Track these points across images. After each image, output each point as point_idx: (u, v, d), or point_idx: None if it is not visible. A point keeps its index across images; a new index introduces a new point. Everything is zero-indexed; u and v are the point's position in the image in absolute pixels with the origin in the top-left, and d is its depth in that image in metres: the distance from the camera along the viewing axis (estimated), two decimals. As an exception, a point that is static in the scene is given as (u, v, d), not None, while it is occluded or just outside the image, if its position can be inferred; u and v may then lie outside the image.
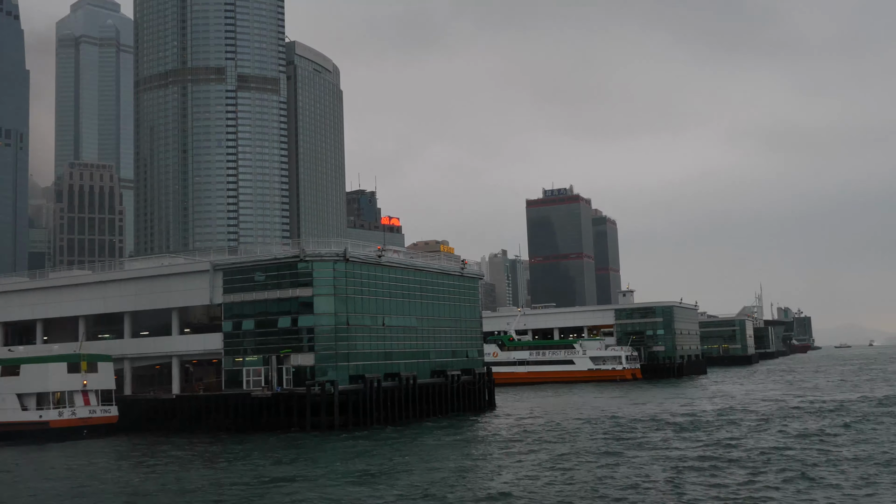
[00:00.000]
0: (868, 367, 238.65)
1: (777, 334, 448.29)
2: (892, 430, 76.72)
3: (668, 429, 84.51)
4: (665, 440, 74.70)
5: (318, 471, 63.79)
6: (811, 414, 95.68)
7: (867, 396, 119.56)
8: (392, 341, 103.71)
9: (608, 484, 53.22)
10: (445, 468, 62.66)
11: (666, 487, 51.18)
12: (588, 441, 76.79)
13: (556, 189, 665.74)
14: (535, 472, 59.38)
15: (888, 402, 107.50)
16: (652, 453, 65.95)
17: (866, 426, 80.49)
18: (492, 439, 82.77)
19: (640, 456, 64.76)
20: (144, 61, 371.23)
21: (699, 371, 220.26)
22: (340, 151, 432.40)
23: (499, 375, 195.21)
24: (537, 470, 60.53)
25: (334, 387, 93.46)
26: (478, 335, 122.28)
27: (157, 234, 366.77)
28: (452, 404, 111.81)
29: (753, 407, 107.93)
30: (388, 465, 64.96)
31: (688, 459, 62.02)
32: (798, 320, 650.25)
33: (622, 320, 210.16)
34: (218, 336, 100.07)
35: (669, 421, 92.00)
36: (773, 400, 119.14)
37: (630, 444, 72.42)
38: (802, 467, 56.84)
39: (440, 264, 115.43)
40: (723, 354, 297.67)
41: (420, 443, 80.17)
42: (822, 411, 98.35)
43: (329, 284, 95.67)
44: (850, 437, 72.94)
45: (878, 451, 63.09)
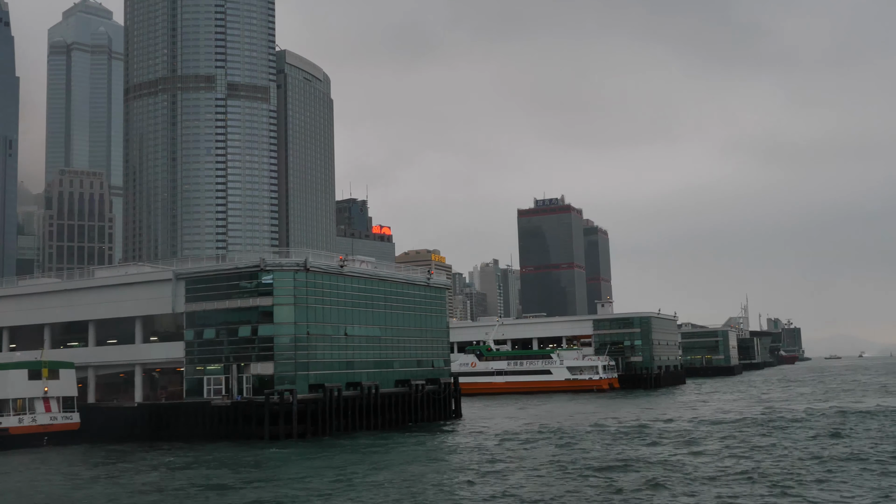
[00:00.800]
0: (843, 378, 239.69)
1: (764, 345, 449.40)
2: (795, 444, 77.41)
3: (608, 437, 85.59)
4: (594, 449, 75.36)
5: (255, 478, 64.45)
6: (749, 426, 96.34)
7: (811, 409, 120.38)
8: (354, 351, 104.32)
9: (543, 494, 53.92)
10: (391, 477, 63.27)
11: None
12: (536, 451, 77.39)
13: (548, 199, 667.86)
14: (479, 483, 60.02)
15: (829, 414, 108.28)
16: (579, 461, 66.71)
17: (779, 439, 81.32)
18: (447, 449, 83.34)
19: (567, 463, 65.52)
20: (134, 69, 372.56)
21: (678, 381, 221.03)
22: (330, 160, 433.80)
23: (477, 385, 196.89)
24: (480, 480, 61.15)
25: (293, 396, 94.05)
26: (445, 345, 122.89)
27: (146, 242, 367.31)
28: (417, 414, 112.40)
29: (708, 418, 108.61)
30: (324, 475, 65.59)
31: (596, 468, 62.75)
32: (787, 331, 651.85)
33: (600, 330, 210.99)
34: (180, 345, 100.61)
35: (612, 430, 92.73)
36: (730, 411, 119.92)
37: (567, 454, 73.09)
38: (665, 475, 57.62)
39: (406, 275, 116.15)
40: (706, 365, 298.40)
41: (369, 452, 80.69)
42: (759, 423, 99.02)
43: (289, 294, 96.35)
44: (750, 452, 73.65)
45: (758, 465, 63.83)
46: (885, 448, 71.33)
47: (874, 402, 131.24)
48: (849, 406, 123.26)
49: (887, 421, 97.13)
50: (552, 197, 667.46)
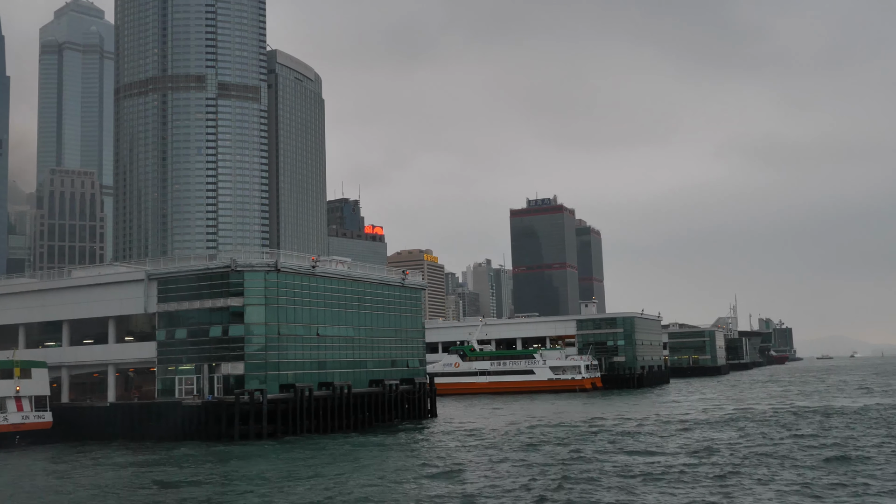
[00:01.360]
0: (825, 378, 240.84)
1: (753, 345, 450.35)
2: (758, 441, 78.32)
3: (572, 436, 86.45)
4: (555, 451, 76.11)
5: (215, 477, 65.07)
6: (709, 425, 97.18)
7: (788, 407, 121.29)
8: (327, 351, 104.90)
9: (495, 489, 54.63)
10: (355, 476, 63.92)
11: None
12: (497, 452, 78.08)
13: (541, 199, 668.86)
14: (427, 482, 60.68)
15: (799, 413, 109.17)
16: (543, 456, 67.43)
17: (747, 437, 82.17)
18: (415, 447, 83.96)
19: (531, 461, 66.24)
20: (125, 68, 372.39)
21: (662, 381, 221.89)
22: (322, 160, 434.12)
23: (460, 385, 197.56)
24: (430, 479, 61.82)
25: (263, 396, 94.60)
26: (420, 345, 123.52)
27: (136, 242, 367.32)
28: (391, 414, 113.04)
29: (677, 417, 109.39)
30: (293, 472, 66.20)
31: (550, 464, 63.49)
32: (778, 331, 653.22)
33: (584, 331, 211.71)
34: (153, 345, 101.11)
35: (580, 430, 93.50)
36: (702, 410, 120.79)
37: (532, 450, 73.81)
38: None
39: (380, 275, 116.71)
40: (693, 365, 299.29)
41: (334, 452, 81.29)
42: (725, 421, 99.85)
43: (260, 294, 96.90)
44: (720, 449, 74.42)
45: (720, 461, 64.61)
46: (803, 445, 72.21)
47: (842, 402, 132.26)
48: (811, 405, 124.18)
49: (832, 421, 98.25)
50: (545, 197, 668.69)
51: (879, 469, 59.75)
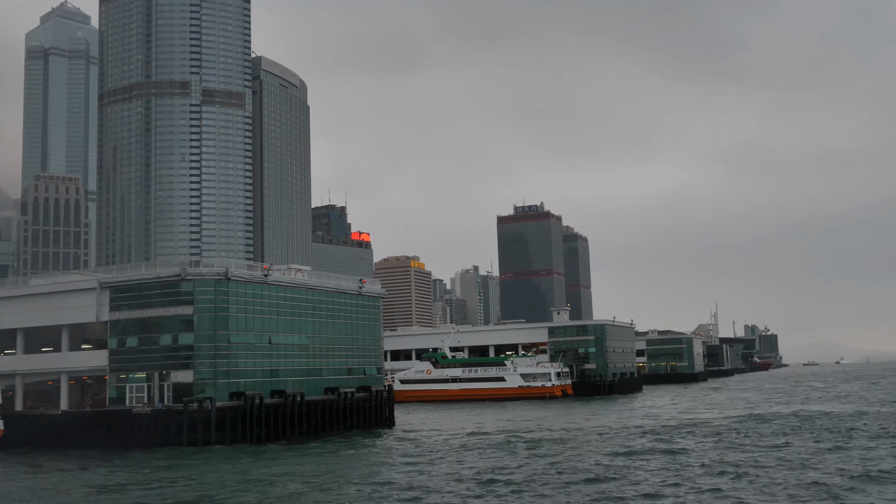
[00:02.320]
0: (801, 384, 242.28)
1: (736, 352, 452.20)
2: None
3: (521, 445, 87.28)
4: (504, 458, 77.01)
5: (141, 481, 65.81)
6: (655, 434, 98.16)
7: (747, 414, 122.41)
8: (279, 359, 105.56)
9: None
10: (286, 484, 64.71)
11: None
12: (446, 460, 78.86)
13: (528, 206, 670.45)
14: (372, 487, 61.50)
15: (756, 419, 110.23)
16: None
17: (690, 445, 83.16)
18: (359, 456, 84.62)
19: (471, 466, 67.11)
20: (109, 74, 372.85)
21: (634, 388, 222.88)
22: (307, 166, 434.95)
23: (432, 392, 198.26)
24: (375, 485, 62.62)
25: (212, 403, 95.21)
26: (378, 353, 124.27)
27: (120, 248, 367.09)
28: (346, 422, 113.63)
29: (629, 424, 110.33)
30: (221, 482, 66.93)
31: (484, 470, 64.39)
32: (763, 338, 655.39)
33: (556, 338, 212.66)
34: (105, 353, 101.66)
35: (537, 438, 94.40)
36: (654, 417, 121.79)
37: (476, 461, 74.65)
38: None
39: (335, 283, 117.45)
40: (670, 372, 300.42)
41: (276, 460, 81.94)
42: (675, 429, 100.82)
43: (210, 303, 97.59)
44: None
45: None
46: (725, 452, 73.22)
47: (801, 407, 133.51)
48: (771, 411, 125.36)
49: (785, 426, 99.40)
50: (532, 204, 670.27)
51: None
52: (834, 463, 67.53)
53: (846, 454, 72.99)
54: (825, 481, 57.94)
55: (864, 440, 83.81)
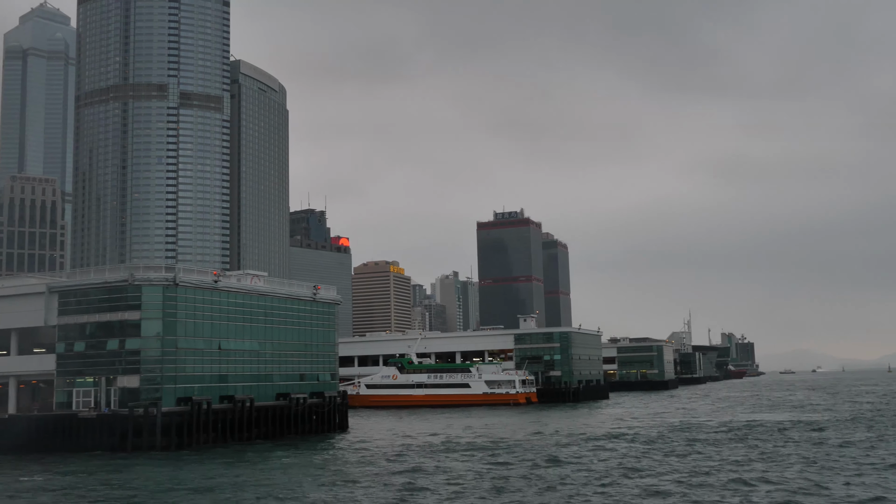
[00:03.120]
0: (760, 393, 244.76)
1: (710, 360, 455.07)
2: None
3: (460, 451, 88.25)
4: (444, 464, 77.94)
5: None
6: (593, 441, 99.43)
7: (694, 422, 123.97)
8: (229, 365, 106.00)
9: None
10: (216, 490, 65.33)
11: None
12: (385, 465, 79.68)
13: (507, 212, 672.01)
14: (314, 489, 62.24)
15: (698, 429, 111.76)
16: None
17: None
18: (303, 460, 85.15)
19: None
20: (86, 76, 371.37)
21: (600, 396, 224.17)
22: (285, 170, 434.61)
23: (397, 398, 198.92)
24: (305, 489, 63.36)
25: (157, 408, 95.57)
26: (332, 359, 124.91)
27: (95, 250, 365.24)
28: (296, 427, 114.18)
29: (577, 432, 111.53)
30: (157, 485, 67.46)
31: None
32: (740, 346, 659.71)
33: (522, 345, 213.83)
34: (53, 357, 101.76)
35: (479, 445, 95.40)
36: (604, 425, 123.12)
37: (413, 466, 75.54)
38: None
39: (288, 290, 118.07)
40: (641, 379, 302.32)
41: (216, 465, 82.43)
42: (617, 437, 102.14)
43: (157, 308, 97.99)
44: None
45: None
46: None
47: (751, 416, 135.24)
48: (704, 421, 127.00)
49: (701, 436, 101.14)
50: (511, 210, 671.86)
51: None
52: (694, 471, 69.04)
53: (714, 463, 74.34)
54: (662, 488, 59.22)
55: (756, 451, 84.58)
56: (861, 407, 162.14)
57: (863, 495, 56.27)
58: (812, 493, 57.81)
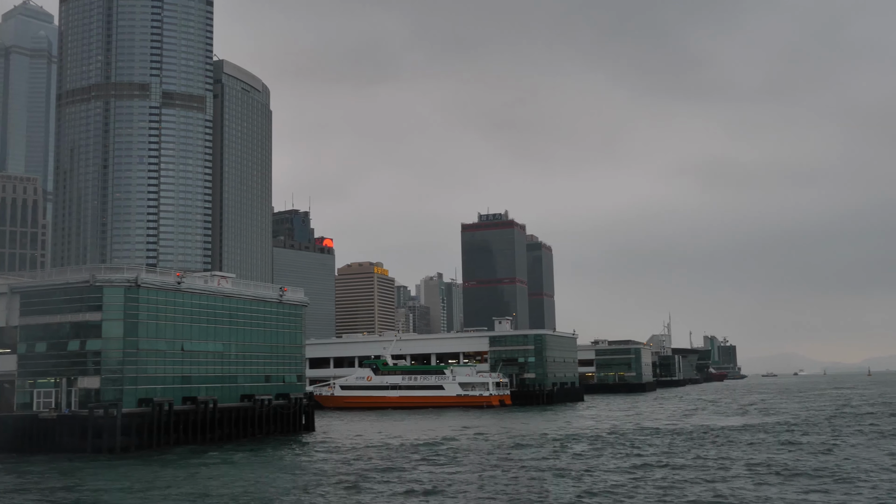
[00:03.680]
0: (731, 397, 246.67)
1: (690, 362, 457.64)
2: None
3: (422, 452, 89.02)
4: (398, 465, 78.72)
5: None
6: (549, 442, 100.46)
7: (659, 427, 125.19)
8: (192, 366, 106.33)
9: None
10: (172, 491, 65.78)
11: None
12: (336, 467, 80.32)
13: (492, 214, 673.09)
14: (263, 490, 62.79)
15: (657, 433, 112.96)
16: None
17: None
18: (263, 462, 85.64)
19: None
20: (68, 74, 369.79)
21: (575, 398, 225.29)
22: (268, 171, 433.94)
23: (371, 399, 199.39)
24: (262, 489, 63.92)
25: (117, 409, 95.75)
26: (299, 361, 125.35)
27: (75, 250, 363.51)
28: (261, 428, 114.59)
29: (537, 432, 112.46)
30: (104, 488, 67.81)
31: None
32: (723, 349, 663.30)
33: (496, 347, 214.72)
34: (14, 357, 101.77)
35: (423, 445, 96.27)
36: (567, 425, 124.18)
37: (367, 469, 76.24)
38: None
39: (253, 291, 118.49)
40: (618, 382, 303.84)
41: (172, 466, 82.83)
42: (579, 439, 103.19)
43: (119, 309, 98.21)
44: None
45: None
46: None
47: (689, 421, 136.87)
48: (658, 425, 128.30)
49: (668, 439, 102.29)
50: (496, 212, 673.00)
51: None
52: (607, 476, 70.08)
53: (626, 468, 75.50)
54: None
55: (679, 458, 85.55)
56: (823, 412, 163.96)
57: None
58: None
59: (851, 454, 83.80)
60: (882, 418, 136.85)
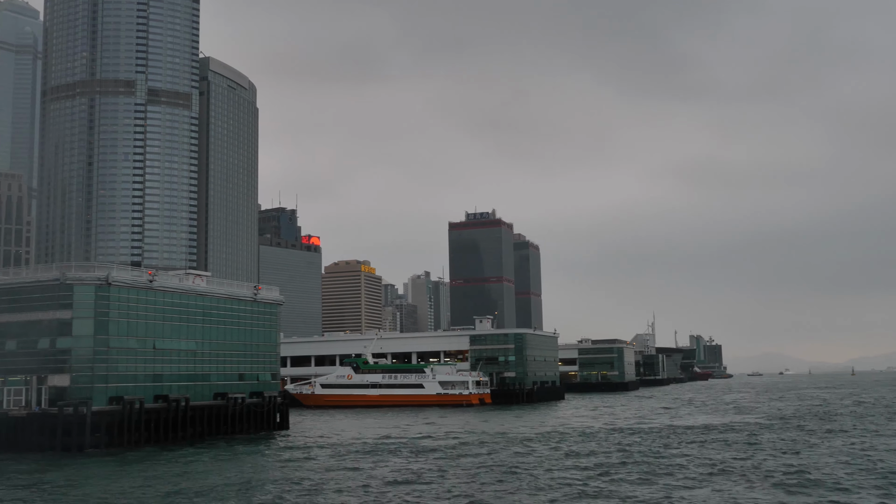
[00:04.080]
0: (708, 396, 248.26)
1: (675, 362, 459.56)
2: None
3: (382, 452, 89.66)
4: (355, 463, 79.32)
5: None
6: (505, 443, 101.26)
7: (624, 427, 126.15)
8: (165, 364, 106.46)
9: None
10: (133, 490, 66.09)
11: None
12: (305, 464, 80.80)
13: (479, 213, 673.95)
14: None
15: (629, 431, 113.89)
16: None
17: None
18: (230, 461, 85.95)
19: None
20: (53, 71, 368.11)
21: (555, 397, 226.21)
22: (254, 169, 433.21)
23: (352, 398, 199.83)
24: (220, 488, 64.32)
25: (87, 407, 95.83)
26: (273, 359, 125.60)
27: (59, 247, 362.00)
28: (234, 426, 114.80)
29: (506, 432, 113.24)
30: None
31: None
32: (708, 348, 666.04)
33: (477, 346, 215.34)
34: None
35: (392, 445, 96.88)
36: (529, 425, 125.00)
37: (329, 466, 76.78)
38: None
39: (227, 290, 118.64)
40: (601, 381, 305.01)
41: (134, 464, 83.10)
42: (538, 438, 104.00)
43: (89, 307, 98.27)
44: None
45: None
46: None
47: (651, 422, 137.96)
48: (625, 426, 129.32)
49: (636, 438, 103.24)
50: (483, 211, 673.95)
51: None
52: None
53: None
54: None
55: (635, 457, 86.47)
56: (797, 410, 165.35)
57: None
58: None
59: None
60: (812, 420, 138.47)
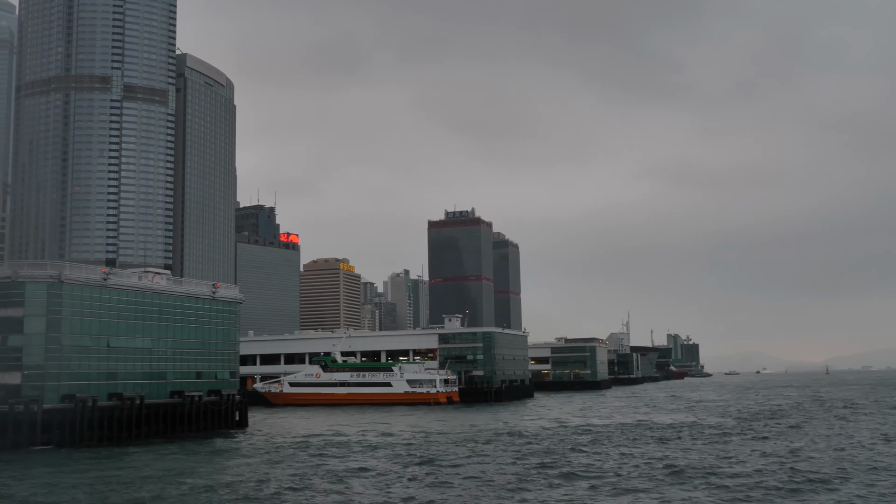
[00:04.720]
0: (673, 395, 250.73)
1: (650, 360, 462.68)
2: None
3: (331, 449, 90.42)
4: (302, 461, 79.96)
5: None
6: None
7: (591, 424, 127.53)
8: (119, 362, 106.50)
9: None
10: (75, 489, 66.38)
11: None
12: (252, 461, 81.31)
13: (458, 211, 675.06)
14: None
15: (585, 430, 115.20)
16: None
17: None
18: (178, 459, 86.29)
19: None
20: (28, 66, 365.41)
21: (524, 396, 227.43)
22: (231, 166, 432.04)
23: (320, 396, 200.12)
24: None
25: (38, 405, 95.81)
26: (232, 358, 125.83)
27: (33, 244, 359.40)
28: (191, 425, 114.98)
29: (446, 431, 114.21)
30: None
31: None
32: (685, 347, 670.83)
33: (446, 344, 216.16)
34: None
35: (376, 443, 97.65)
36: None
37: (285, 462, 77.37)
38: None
39: (185, 288, 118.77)
40: (574, 380, 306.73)
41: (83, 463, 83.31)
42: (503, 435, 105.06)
43: (41, 305, 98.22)
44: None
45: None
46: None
47: (604, 420, 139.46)
48: (580, 423, 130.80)
49: (600, 437, 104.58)
50: (463, 209, 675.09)
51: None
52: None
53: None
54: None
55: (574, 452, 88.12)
56: (749, 409, 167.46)
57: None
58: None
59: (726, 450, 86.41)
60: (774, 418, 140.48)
